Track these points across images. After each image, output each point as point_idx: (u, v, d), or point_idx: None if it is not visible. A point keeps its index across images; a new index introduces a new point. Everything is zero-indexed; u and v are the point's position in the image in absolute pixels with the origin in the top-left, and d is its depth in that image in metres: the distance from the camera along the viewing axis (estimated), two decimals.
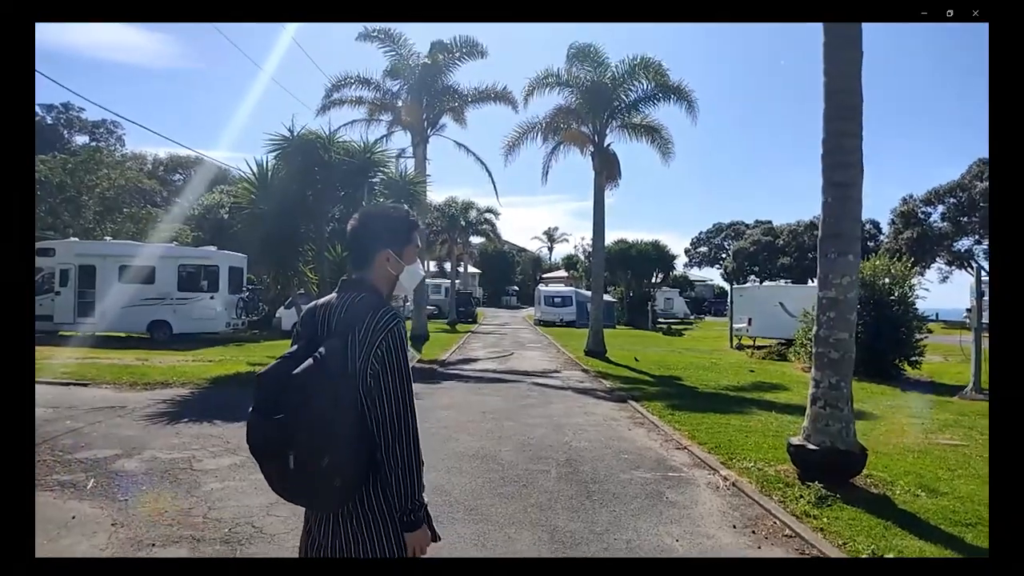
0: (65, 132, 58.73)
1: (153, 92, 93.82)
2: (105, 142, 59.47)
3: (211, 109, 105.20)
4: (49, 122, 59.46)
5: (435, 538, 2.22)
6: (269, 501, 5.57)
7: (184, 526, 4.99)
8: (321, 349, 2.01)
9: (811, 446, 6.41)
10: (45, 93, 79.97)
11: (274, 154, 13.84)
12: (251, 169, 13.67)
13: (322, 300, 2.26)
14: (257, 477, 6.41)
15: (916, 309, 17.04)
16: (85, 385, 11.55)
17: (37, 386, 11.22)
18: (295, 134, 13.74)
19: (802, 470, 6.50)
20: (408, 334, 17.25)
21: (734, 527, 5.32)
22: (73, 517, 5.12)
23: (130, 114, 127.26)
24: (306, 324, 2.22)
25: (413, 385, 2.10)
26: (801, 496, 5.97)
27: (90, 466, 6.54)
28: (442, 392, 12.31)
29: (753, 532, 5.23)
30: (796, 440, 6.62)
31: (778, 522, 5.42)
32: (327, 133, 14.21)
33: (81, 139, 56.04)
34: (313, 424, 1.91)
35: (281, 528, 4.97)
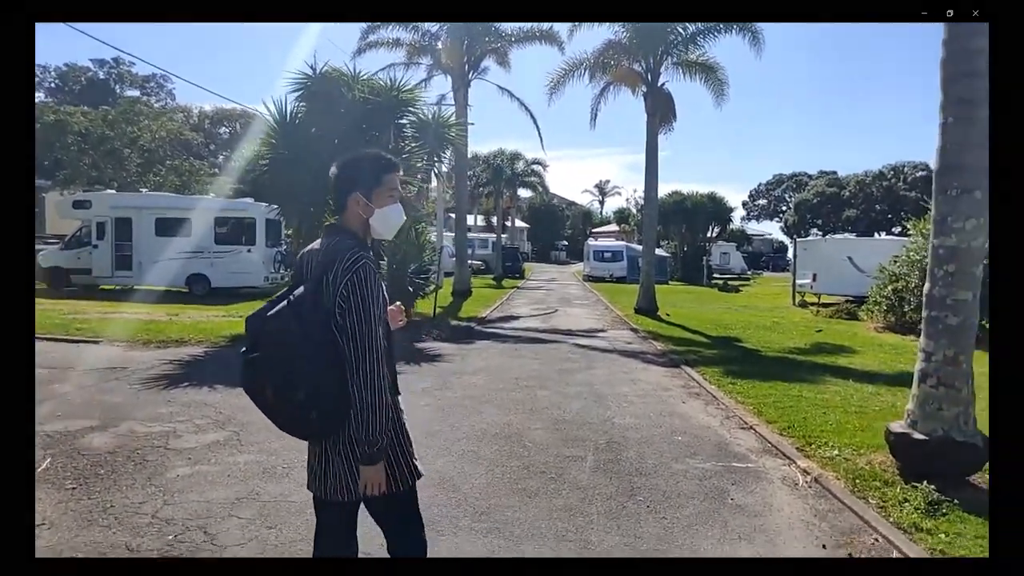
0: (116, 87, 59.00)
1: (202, 45, 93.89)
2: (156, 96, 59.69)
3: (257, 62, 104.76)
4: (101, 77, 59.89)
5: (417, 475, 2.40)
6: (236, 496, 4.57)
7: (124, 528, 4.01)
8: (296, 291, 2.17)
9: (918, 435, 5.05)
10: (94, 49, 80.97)
11: (296, 94, 12.75)
12: (269, 110, 12.53)
13: (309, 246, 2.38)
14: (233, 460, 5.40)
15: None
16: (96, 343, 10.86)
17: (46, 343, 10.58)
18: (317, 72, 12.59)
19: (905, 464, 5.16)
20: (448, 284, 15.91)
21: (824, 547, 4.06)
22: None
23: (178, 69, 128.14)
24: (296, 268, 2.39)
25: (378, 324, 2.16)
26: (906, 500, 4.66)
27: (54, 442, 5.65)
28: (475, 354, 11.23)
29: (850, 555, 3.98)
30: (898, 426, 5.27)
31: (881, 539, 4.14)
32: (351, 71, 13.01)
33: (132, 93, 56.03)
34: (285, 361, 2.08)
35: (238, 537, 3.92)
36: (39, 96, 48.83)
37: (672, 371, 10.18)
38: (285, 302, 2.15)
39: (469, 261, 26.76)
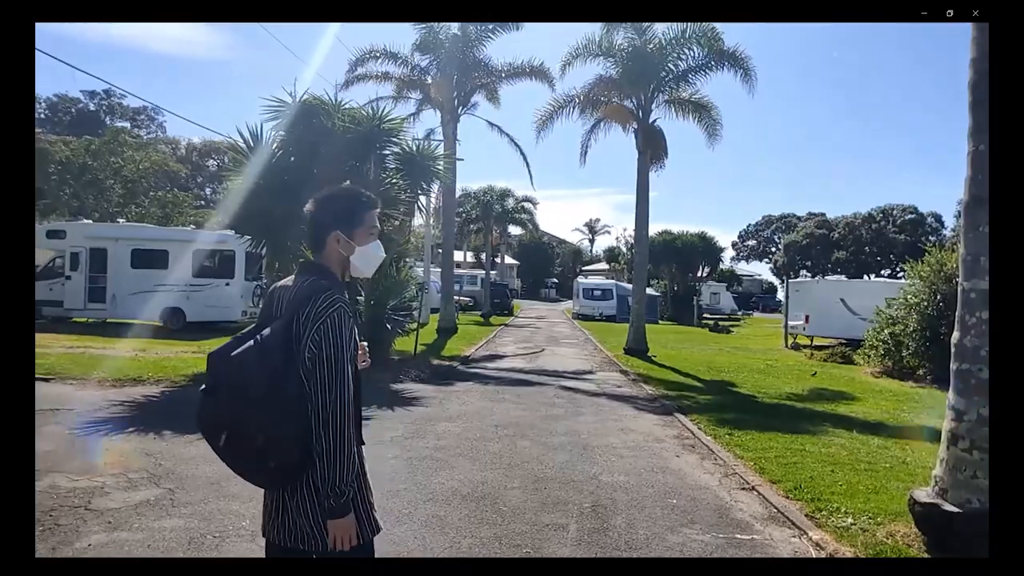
0: (107, 119, 58.75)
1: (195, 81, 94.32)
2: (146, 128, 59.46)
3: (249, 97, 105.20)
4: (91, 108, 59.70)
5: (376, 529, 2.19)
6: None
7: None
8: (264, 331, 2.04)
9: (949, 507, 4.40)
10: (84, 80, 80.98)
11: (273, 122, 12.23)
12: (243, 137, 11.98)
13: (281, 282, 2.26)
14: (159, 526, 4.59)
15: None
16: (48, 380, 10.09)
17: None
18: (296, 99, 12.10)
19: (933, 540, 4.49)
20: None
21: None
22: None
23: (171, 103, 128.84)
24: (266, 306, 2.22)
25: (348, 371, 2.03)
26: None
27: None
28: (454, 397, 10.52)
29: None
30: (924, 495, 4.61)
31: None
32: (332, 99, 12.54)
33: (122, 125, 55.80)
34: (247, 404, 1.94)
35: None
36: None
37: (664, 419, 9.50)
38: (252, 341, 2.02)
39: (457, 297, 26.21)
